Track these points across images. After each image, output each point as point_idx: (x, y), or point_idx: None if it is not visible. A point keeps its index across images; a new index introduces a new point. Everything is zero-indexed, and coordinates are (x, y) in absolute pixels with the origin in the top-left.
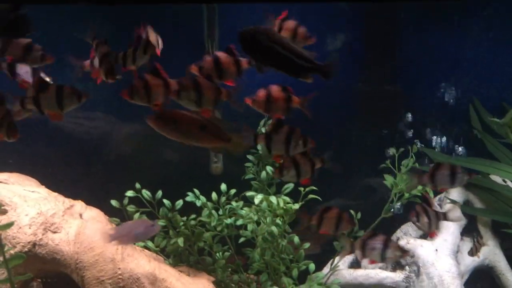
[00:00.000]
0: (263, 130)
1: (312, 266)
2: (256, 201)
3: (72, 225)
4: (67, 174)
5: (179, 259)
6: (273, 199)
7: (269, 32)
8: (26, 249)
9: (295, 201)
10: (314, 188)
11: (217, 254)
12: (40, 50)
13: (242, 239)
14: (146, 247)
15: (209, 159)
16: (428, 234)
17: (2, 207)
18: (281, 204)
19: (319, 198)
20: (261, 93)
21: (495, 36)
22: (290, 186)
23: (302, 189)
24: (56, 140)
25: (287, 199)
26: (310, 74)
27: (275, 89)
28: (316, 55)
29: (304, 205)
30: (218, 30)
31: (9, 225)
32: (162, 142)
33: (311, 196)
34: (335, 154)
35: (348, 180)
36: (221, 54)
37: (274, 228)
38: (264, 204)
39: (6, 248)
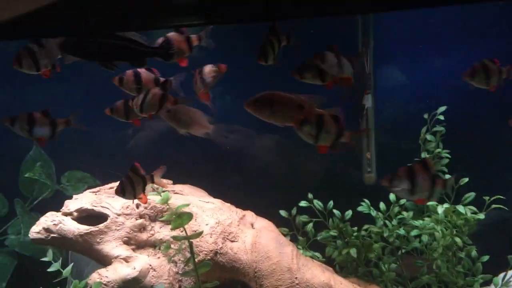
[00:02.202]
0: (428, 137)
1: (496, 280)
2: (440, 210)
3: (247, 235)
4: (217, 184)
5: (346, 270)
6: (461, 208)
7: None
8: (208, 257)
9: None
10: (501, 196)
11: (385, 265)
12: None
13: (403, 250)
14: (312, 257)
15: (361, 168)
16: None
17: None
18: (469, 214)
19: (505, 207)
20: None
21: None
22: (472, 195)
23: (487, 198)
24: (208, 152)
25: (473, 208)
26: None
27: None
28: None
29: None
30: (373, 35)
31: (199, 234)
32: (307, 152)
33: (495, 205)
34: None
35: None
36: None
37: (458, 239)
38: (442, 214)
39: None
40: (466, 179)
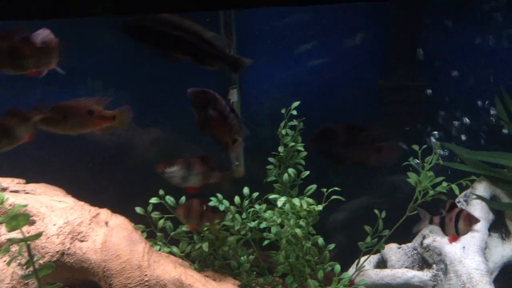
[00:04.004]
0: (284, 132)
1: (337, 267)
2: (279, 203)
3: (98, 233)
4: (91, 182)
5: (204, 264)
6: (296, 201)
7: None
8: (54, 259)
9: (319, 203)
10: (337, 188)
11: (242, 258)
12: None
13: (266, 242)
14: (171, 253)
15: (230, 162)
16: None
17: (30, 218)
18: (305, 206)
19: (342, 198)
20: None
21: None
22: (313, 187)
23: (325, 190)
24: (79, 148)
25: (311, 200)
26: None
27: None
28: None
29: (328, 206)
30: (235, 36)
31: (38, 235)
32: (183, 148)
33: (334, 196)
34: None
35: (372, 179)
36: None
37: (298, 230)
38: (288, 206)
39: (35, 258)
40: (307, 172)
